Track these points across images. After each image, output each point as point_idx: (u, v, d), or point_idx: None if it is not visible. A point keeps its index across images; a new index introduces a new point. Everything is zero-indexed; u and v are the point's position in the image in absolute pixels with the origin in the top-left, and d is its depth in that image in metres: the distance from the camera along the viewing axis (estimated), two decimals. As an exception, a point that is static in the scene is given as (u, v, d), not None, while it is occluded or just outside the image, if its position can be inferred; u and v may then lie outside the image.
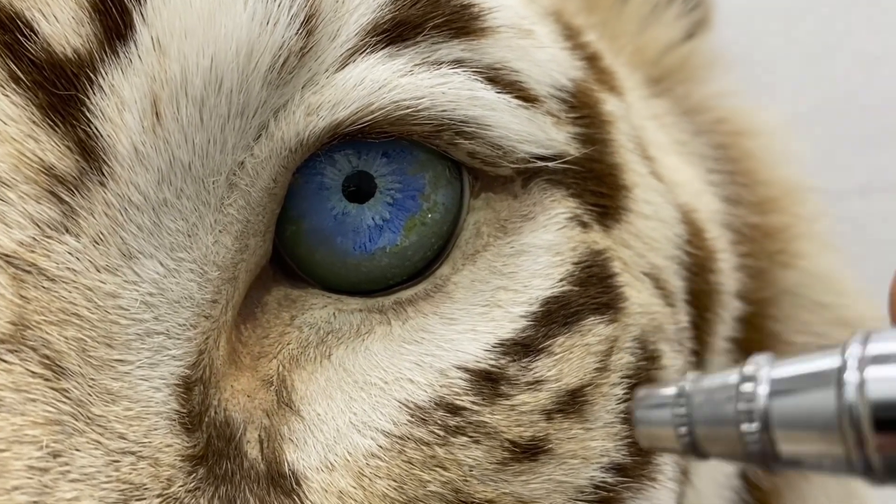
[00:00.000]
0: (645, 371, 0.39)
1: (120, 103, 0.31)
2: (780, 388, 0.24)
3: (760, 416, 0.25)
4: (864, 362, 0.23)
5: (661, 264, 0.42)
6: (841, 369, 0.23)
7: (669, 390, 0.29)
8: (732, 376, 0.26)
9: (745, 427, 0.25)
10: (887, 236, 0.84)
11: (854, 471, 0.23)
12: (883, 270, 0.62)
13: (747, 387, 0.25)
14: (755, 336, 0.50)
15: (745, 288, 0.49)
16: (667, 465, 0.40)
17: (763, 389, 0.25)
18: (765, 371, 0.25)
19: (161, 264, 0.32)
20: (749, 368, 0.26)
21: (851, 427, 0.22)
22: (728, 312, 0.48)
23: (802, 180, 0.54)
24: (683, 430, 0.28)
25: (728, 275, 0.48)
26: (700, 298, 0.45)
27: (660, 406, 0.29)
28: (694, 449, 0.28)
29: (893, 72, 1.04)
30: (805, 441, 0.24)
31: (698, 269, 0.45)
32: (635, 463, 0.38)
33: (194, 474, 0.32)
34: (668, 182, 0.45)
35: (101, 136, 0.31)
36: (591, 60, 0.44)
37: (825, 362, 0.24)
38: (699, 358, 0.45)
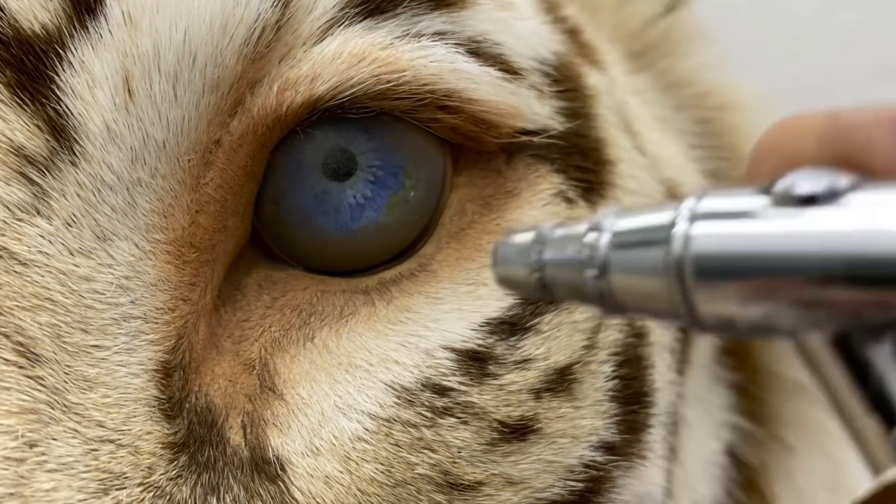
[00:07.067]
0: (633, 348, 0.39)
1: (91, 80, 0.30)
2: (621, 239, 0.26)
3: (600, 263, 0.26)
4: (694, 217, 0.23)
5: None
6: (671, 224, 0.24)
7: (528, 234, 0.29)
8: (582, 225, 0.27)
9: (586, 272, 0.26)
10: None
11: (682, 320, 0.24)
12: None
13: (591, 236, 0.26)
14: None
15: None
16: (656, 443, 0.40)
17: (605, 238, 0.26)
18: (609, 221, 0.26)
19: (136, 246, 0.31)
20: (595, 219, 0.27)
21: (676, 278, 0.23)
22: (713, 287, 0.47)
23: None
24: (535, 271, 0.28)
25: (713, 250, 0.47)
26: None
27: (517, 248, 0.29)
28: (543, 290, 0.28)
29: (869, 49, 1.04)
30: (639, 290, 0.25)
31: (684, 244, 0.44)
32: (625, 441, 0.38)
33: (176, 462, 0.31)
34: (652, 157, 0.45)
35: (72, 114, 0.30)
36: (572, 34, 0.44)
37: (662, 216, 0.24)
38: (685, 334, 0.44)
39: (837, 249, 0.21)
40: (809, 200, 0.22)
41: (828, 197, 0.22)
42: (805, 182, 0.22)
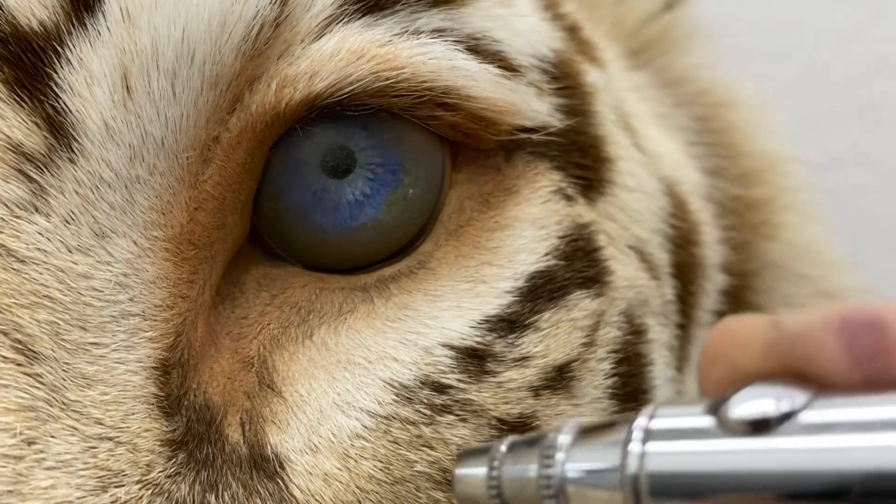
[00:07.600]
0: (631, 345, 0.39)
1: (89, 77, 0.30)
2: (576, 456, 0.27)
3: (558, 481, 0.27)
4: (647, 436, 0.25)
5: (645, 237, 0.42)
6: (626, 441, 0.25)
7: (485, 452, 0.31)
8: (536, 442, 0.28)
9: (544, 492, 0.27)
10: (861, 209, 0.84)
11: None
12: (857, 243, 0.62)
13: (550, 453, 0.28)
14: (739, 308, 0.50)
15: (728, 261, 0.49)
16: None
17: (561, 456, 0.27)
18: (563, 438, 0.28)
19: (135, 243, 0.31)
20: (549, 436, 0.28)
21: (632, 495, 0.25)
22: (712, 285, 0.47)
23: (785, 151, 0.54)
24: (494, 491, 0.30)
25: (712, 247, 0.47)
26: (685, 271, 0.44)
27: (476, 466, 0.31)
28: None
29: (866, 46, 1.04)
30: None
31: (682, 241, 0.44)
32: (623, 439, 0.38)
33: (174, 459, 0.31)
34: (650, 154, 0.45)
35: (70, 111, 0.30)
36: (571, 31, 0.43)
37: (616, 435, 0.26)
38: (684, 331, 0.44)
39: (792, 469, 0.22)
40: (760, 424, 0.23)
41: (778, 420, 0.23)
42: (753, 404, 0.23)
